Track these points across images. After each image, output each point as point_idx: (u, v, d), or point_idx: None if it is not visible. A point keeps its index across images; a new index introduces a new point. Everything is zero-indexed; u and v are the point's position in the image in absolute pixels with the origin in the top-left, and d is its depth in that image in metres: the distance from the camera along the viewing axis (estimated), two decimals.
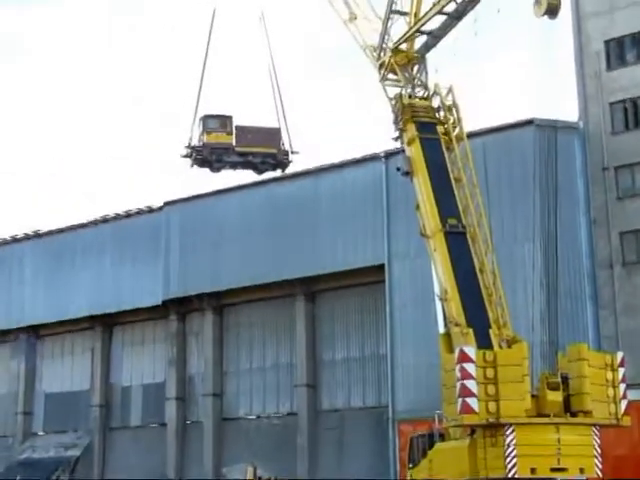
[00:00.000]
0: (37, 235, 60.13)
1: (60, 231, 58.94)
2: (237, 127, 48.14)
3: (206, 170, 48.36)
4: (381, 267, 44.59)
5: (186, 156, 47.70)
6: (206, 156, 47.28)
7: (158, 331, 55.35)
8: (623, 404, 26.65)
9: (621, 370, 26.86)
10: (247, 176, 49.44)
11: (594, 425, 25.90)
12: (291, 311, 49.21)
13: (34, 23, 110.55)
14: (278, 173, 49.07)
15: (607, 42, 42.66)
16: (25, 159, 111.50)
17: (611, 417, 26.33)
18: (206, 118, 47.67)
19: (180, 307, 53.30)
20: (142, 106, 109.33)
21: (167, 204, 53.68)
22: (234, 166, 48.28)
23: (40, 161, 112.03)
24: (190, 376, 53.44)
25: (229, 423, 51.37)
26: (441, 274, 28.59)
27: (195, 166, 47.89)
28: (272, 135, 47.91)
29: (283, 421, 49.33)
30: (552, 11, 27.66)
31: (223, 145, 47.33)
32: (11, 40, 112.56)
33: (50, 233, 59.50)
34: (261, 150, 47.41)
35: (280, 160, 47.98)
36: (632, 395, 27.70)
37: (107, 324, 57.04)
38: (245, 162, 47.88)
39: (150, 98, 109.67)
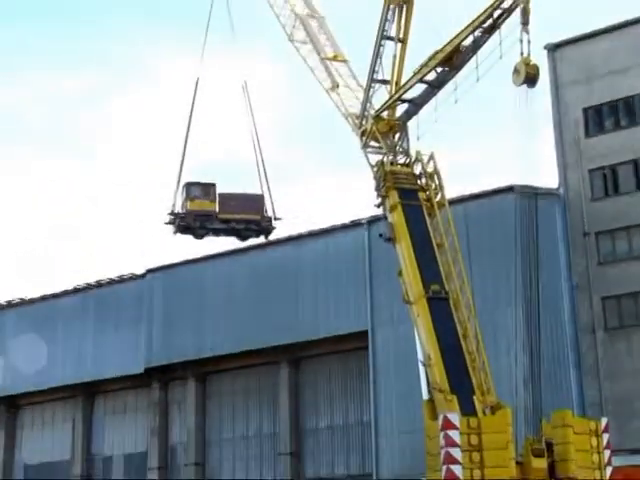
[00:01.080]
0: (19, 303, 59.78)
1: (42, 299, 58.62)
2: (220, 194, 48.32)
3: (189, 237, 48.39)
4: (364, 333, 44.50)
5: (169, 223, 47.74)
6: (189, 223, 47.33)
7: (140, 400, 54.84)
8: (608, 470, 26.56)
9: (605, 436, 26.81)
10: (230, 243, 49.56)
11: None
12: (274, 378, 48.93)
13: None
14: (261, 240, 49.15)
15: (585, 110, 43.32)
16: (7, 225, 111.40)
17: None
18: (189, 185, 47.85)
19: (163, 375, 52.89)
20: (125, 172, 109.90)
21: (150, 271, 53.59)
22: (217, 233, 48.33)
23: (23, 227, 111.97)
24: (172, 445, 52.82)
25: None
26: (424, 340, 28.58)
27: (178, 233, 47.93)
28: (255, 202, 48.08)
29: None
30: (531, 80, 28.09)
31: (206, 212, 47.41)
32: None
33: (32, 301, 59.17)
34: (244, 217, 47.50)
35: (263, 227, 48.08)
36: (617, 461, 27.63)
37: (88, 393, 56.48)
38: (228, 229, 47.95)
39: (133, 165, 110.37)
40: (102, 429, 56.25)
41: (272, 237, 49.19)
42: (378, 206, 32.23)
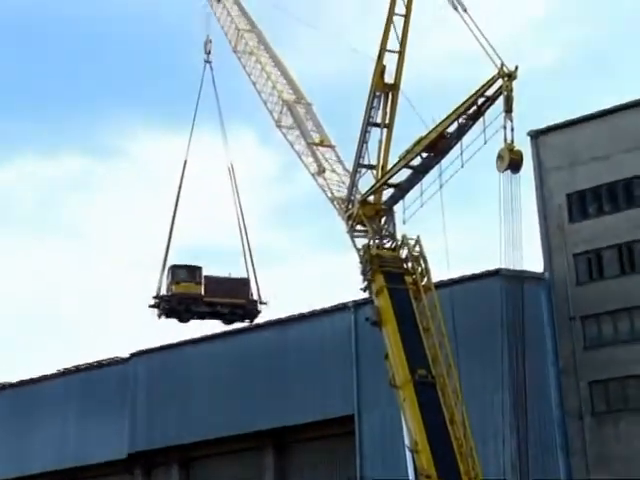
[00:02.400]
0: (1, 387, 59.05)
1: (24, 383, 57.95)
2: (206, 277, 48.35)
3: (174, 320, 48.25)
4: (351, 417, 44.13)
5: (154, 306, 47.62)
6: (174, 306, 47.22)
7: None
8: None
9: None
10: (215, 326, 49.43)
11: None
12: (260, 464, 48.27)
13: None
14: (247, 323, 49.03)
15: (569, 195, 43.79)
16: None
17: None
18: (175, 268, 47.89)
19: (146, 461, 52.10)
20: (111, 254, 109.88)
21: (134, 355, 53.16)
22: (202, 316, 48.23)
23: (6, 308, 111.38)
24: None
25: None
26: (411, 425, 28.38)
27: (163, 316, 47.78)
28: (241, 285, 48.11)
29: None
30: (515, 166, 28.42)
31: (192, 295, 47.40)
32: None
33: (14, 385, 58.47)
34: (230, 301, 47.49)
35: (249, 310, 48.06)
36: None
37: (69, 479, 55.47)
38: (213, 312, 47.87)
39: (119, 247, 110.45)
40: None
41: (257, 321, 49.14)
42: (364, 290, 32.26)
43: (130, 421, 51.63)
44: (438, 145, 30.76)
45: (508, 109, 28.38)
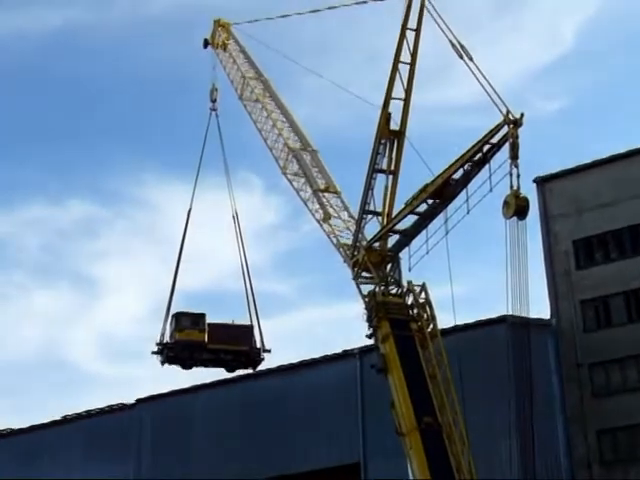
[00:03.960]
0: (5, 434, 58.71)
1: (28, 429, 57.60)
2: (209, 324, 48.17)
3: (177, 367, 47.99)
4: (356, 466, 43.72)
5: (157, 352, 47.42)
6: (178, 353, 47.01)
7: None
8: None
9: None
10: (218, 373, 49.16)
11: None
12: None
13: None
14: (250, 371, 48.77)
15: (575, 242, 43.74)
16: None
17: None
18: (179, 315, 47.74)
19: None
20: (115, 301, 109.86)
21: (139, 401, 52.90)
22: (205, 364, 47.98)
23: (12, 353, 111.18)
24: None
25: None
26: (417, 473, 28.08)
27: (166, 363, 47.55)
28: (244, 333, 47.89)
29: None
30: (521, 212, 28.40)
31: (195, 342, 47.16)
32: None
33: (18, 431, 58.12)
34: (233, 348, 47.24)
35: (252, 358, 47.79)
36: None
37: None
38: (216, 360, 47.63)
39: (122, 293, 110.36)
40: None
41: (261, 368, 48.87)
42: (370, 336, 32.07)
43: (135, 468, 51.22)
44: (444, 191, 30.74)
45: (514, 156, 28.42)
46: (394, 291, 32.33)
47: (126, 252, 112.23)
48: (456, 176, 30.47)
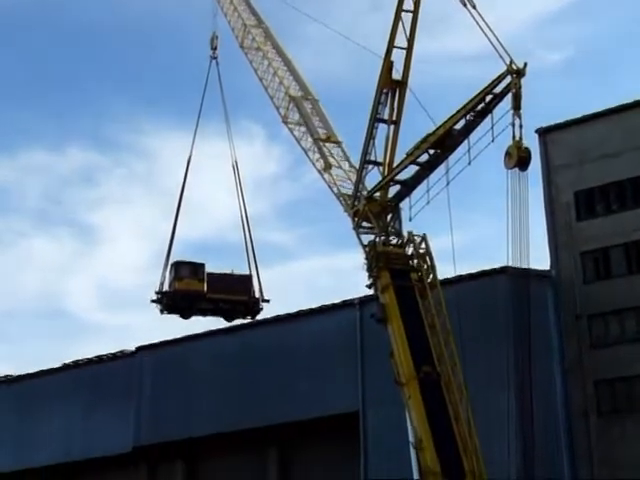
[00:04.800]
0: (7, 380, 59.10)
1: (30, 376, 57.99)
2: (209, 274, 48.25)
3: (176, 316, 48.20)
4: (355, 414, 44.03)
5: (156, 301, 47.56)
6: (177, 302, 47.15)
7: None
8: None
9: None
10: (217, 322, 49.39)
11: None
12: (263, 459, 48.24)
13: None
14: (248, 320, 48.98)
15: (577, 193, 43.61)
16: None
17: None
18: (178, 265, 47.80)
19: (150, 455, 52.10)
20: (114, 249, 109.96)
21: (140, 349, 53.17)
22: (204, 312, 48.16)
23: (12, 301, 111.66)
24: None
25: None
26: (415, 422, 28.28)
27: (165, 312, 47.72)
28: (243, 283, 48.02)
29: None
30: (523, 163, 28.29)
31: (194, 292, 47.31)
32: None
33: (20, 378, 58.52)
34: (232, 298, 47.37)
35: (250, 308, 47.94)
36: None
37: (75, 473, 55.50)
38: (215, 309, 47.81)
39: (122, 241, 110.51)
40: None
41: (260, 318, 49.05)
42: (370, 286, 32.14)
43: (135, 415, 51.64)
44: (445, 142, 30.63)
45: (516, 106, 28.24)
46: (394, 241, 32.34)
47: (125, 200, 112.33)
48: (458, 126, 30.33)
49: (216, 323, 49.63)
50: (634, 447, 39.34)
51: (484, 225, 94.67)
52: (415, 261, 31.44)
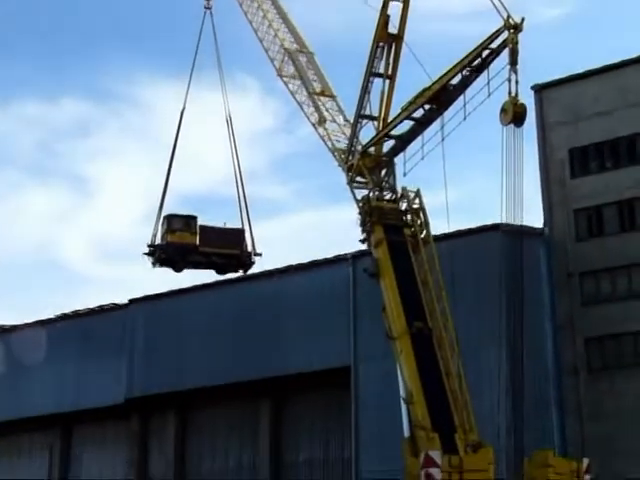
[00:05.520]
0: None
1: (23, 327, 58.18)
2: (201, 227, 48.18)
3: (168, 269, 48.18)
4: (347, 369, 44.30)
5: (148, 254, 47.52)
6: (169, 255, 47.10)
7: (119, 431, 54.32)
8: None
9: (587, 477, 26.74)
10: (209, 276, 49.42)
11: None
12: (255, 412, 48.60)
13: None
14: (241, 274, 49.01)
15: (571, 151, 43.55)
16: None
17: None
18: (170, 218, 47.69)
19: (142, 406, 52.45)
20: (108, 201, 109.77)
21: (133, 302, 53.29)
22: (196, 266, 48.15)
23: (4, 252, 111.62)
24: (151, 477, 52.28)
25: None
26: (406, 377, 28.44)
27: (157, 265, 47.70)
28: (236, 236, 47.97)
29: None
30: (518, 119, 28.22)
31: (187, 245, 47.24)
32: None
33: (12, 329, 58.69)
34: (224, 251, 47.33)
35: (243, 261, 47.94)
36: None
37: (67, 422, 55.93)
38: (208, 262, 47.78)
39: (116, 193, 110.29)
40: (80, 459, 55.67)
41: (253, 272, 49.09)
42: (363, 241, 32.17)
43: (128, 367, 51.89)
44: (441, 97, 30.52)
45: (513, 62, 28.11)
46: (388, 196, 32.33)
47: (121, 152, 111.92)
48: (454, 82, 30.20)
49: (208, 277, 49.73)
50: (622, 402, 39.74)
51: (479, 182, 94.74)
52: (409, 216, 31.44)
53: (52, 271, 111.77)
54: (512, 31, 28.09)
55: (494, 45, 28.85)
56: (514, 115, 27.96)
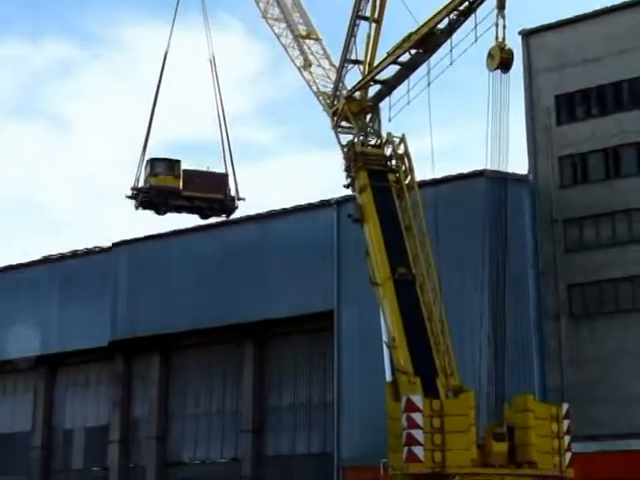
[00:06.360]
0: None
1: (5, 269, 58.07)
2: (185, 171, 47.97)
3: (151, 212, 48.05)
4: (330, 314, 44.48)
5: (131, 197, 47.34)
6: (152, 199, 46.92)
7: (103, 373, 54.59)
8: (567, 456, 26.74)
9: (566, 422, 27.01)
10: (192, 220, 49.33)
11: (538, 476, 25.92)
12: (238, 356, 48.84)
13: None
14: (224, 218, 48.92)
15: (557, 97, 43.35)
16: None
17: (555, 469, 26.39)
18: (154, 161, 47.44)
19: (126, 349, 52.66)
20: (91, 143, 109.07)
21: (116, 245, 53.19)
22: (180, 210, 48.04)
23: None
24: (134, 419, 52.67)
25: (172, 468, 50.65)
26: (389, 322, 28.60)
27: (140, 208, 47.53)
28: (219, 181, 47.80)
29: (226, 467, 48.74)
30: (505, 65, 28.10)
31: (170, 189, 47.05)
32: None
33: None
34: (208, 195, 47.16)
35: (226, 206, 47.82)
36: (576, 447, 27.82)
37: (51, 364, 56.13)
38: (191, 206, 47.66)
39: (99, 136, 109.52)
40: (64, 401, 55.97)
41: (236, 216, 49.02)
42: (347, 187, 32.17)
43: (112, 310, 51.93)
44: (427, 41, 30.35)
45: (500, 6, 27.93)
46: (373, 142, 32.28)
47: (103, 94, 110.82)
48: (441, 26, 29.99)
49: (192, 221, 49.63)
50: (602, 349, 40.06)
51: (465, 129, 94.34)
52: (393, 162, 31.42)
53: (33, 213, 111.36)
54: None
55: None
56: (501, 60, 27.83)
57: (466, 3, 29.12)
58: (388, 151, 31.66)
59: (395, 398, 27.08)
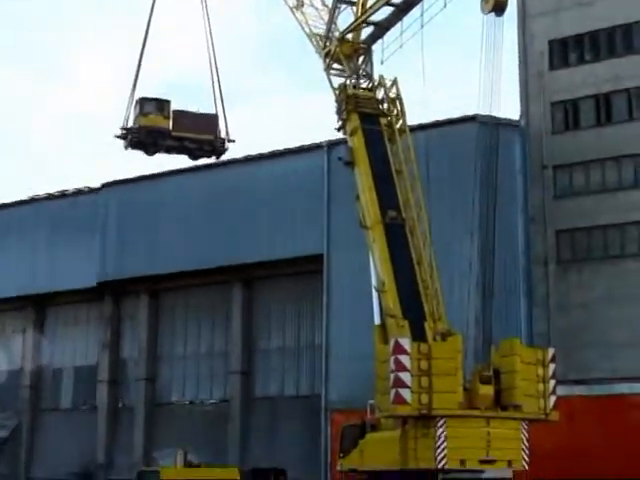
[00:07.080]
0: None
1: None
2: (174, 112, 47.53)
3: (140, 152, 47.73)
4: (320, 257, 44.57)
5: (120, 137, 47.00)
6: (142, 139, 46.58)
7: (92, 313, 54.82)
8: (552, 399, 26.95)
9: (552, 366, 27.15)
10: (182, 161, 49.12)
11: (523, 419, 26.18)
12: (227, 298, 49.03)
13: None
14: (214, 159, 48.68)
15: (551, 42, 43.07)
16: None
17: (540, 412, 26.61)
18: (143, 101, 46.98)
19: (115, 290, 52.80)
20: (80, 84, 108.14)
21: (105, 185, 53.03)
22: (169, 150, 47.72)
23: None
24: (123, 360, 53.03)
25: (161, 408, 51.08)
26: (379, 265, 28.63)
27: (129, 148, 47.23)
28: (209, 121, 47.38)
29: (215, 408, 49.19)
30: (499, 8, 27.81)
31: (159, 129, 46.63)
32: None
33: None
34: (198, 136, 46.85)
35: (216, 147, 47.52)
36: (561, 391, 28.05)
37: (40, 304, 56.27)
38: (181, 147, 47.35)
39: (88, 74, 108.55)
40: (53, 341, 56.25)
41: (227, 158, 48.77)
42: (339, 129, 32.00)
43: (100, 250, 51.99)
44: None
45: None
46: (365, 85, 32.05)
47: (93, 30, 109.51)
48: None
49: (181, 162, 49.41)
50: (589, 294, 40.32)
51: (457, 73, 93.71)
52: (385, 105, 31.21)
53: (22, 153, 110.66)
54: None
55: None
56: (495, 4, 27.54)
57: None
58: (380, 94, 31.43)
59: (383, 341, 27.18)
